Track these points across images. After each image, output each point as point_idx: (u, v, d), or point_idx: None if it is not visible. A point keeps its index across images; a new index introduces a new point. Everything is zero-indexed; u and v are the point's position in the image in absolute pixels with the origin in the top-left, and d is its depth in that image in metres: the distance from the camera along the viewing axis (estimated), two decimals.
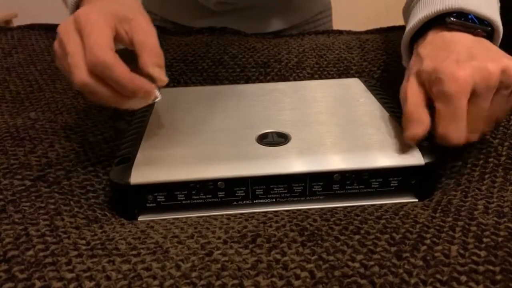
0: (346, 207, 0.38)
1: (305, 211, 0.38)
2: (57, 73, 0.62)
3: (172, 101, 0.50)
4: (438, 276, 0.29)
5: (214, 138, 0.42)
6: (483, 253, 0.31)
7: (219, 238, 0.34)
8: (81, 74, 0.36)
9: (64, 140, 0.47)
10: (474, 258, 0.30)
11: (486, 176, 0.41)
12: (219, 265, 0.30)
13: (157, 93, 0.39)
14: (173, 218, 0.38)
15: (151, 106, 0.49)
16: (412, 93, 0.40)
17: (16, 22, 1.99)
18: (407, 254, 0.31)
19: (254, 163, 0.38)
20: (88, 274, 0.30)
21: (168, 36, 0.70)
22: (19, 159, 0.43)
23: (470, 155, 0.44)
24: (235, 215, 0.38)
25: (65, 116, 0.52)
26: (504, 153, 0.44)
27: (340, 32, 0.73)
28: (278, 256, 0.31)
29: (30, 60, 0.65)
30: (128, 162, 0.39)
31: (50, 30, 0.74)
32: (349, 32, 0.73)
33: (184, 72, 0.62)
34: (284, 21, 0.81)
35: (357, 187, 0.39)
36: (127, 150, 0.41)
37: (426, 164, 0.38)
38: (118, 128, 0.50)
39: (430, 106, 0.39)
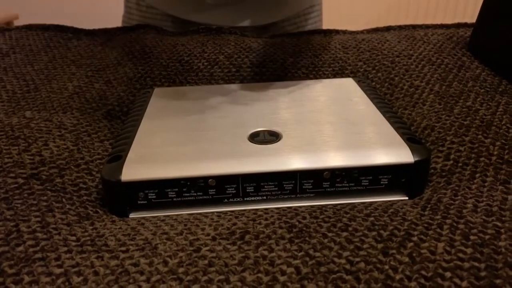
0: (336, 205, 0.38)
1: (295, 208, 0.38)
2: (53, 73, 0.62)
3: (167, 100, 0.51)
4: (423, 272, 0.29)
5: (206, 137, 0.42)
6: (469, 250, 0.31)
7: (208, 235, 0.34)
8: None
9: (59, 139, 0.48)
10: (460, 255, 0.30)
11: (477, 175, 0.41)
12: (206, 261, 0.31)
13: None
14: (164, 215, 0.38)
15: (144, 105, 0.50)
16: None
17: (17, 24, 2.00)
18: (394, 251, 0.31)
19: (245, 161, 0.38)
20: (76, 269, 0.30)
21: (163, 36, 0.71)
22: (13, 157, 0.44)
23: (462, 154, 0.44)
24: (225, 213, 0.38)
25: (60, 115, 0.52)
26: (495, 152, 0.44)
27: (336, 31, 0.73)
28: (265, 253, 0.31)
29: (27, 60, 0.65)
30: (119, 159, 0.39)
31: (48, 30, 0.74)
32: (345, 32, 0.73)
33: (179, 72, 0.63)
34: (276, 13, 0.84)
35: (347, 184, 0.39)
36: (119, 148, 0.41)
37: (415, 162, 0.38)
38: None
39: None
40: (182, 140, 0.42)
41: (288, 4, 0.84)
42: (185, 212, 0.39)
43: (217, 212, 0.38)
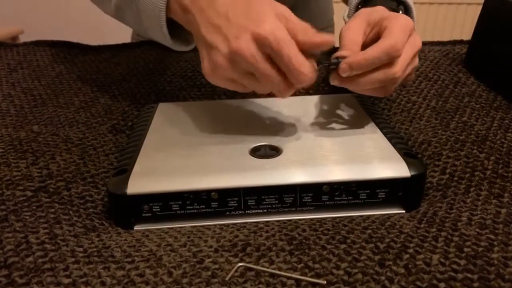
0: (334, 218, 0.39)
1: (295, 221, 0.39)
2: (60, 88, 0.64)
3: (170, 115, 0.52)
4: (418, 283, 0.30)
5: (209, 151, 0.43)
6: (463, 262, 0.32)
7: (210, 246, 0.35)
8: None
9: (65, 153, 0.49)
10: (454, 266, 0.32)
11: (472, 189, 0.43)
12: (209, 272, 0.32)
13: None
14: (168, 228, 0.39)
15: (149, 120, 0.51)
16: None
17: (22, 38, 2.03)
18: (390, 262, 0.32)
19: (246, 175, 0.40)
20: (84, 279, 0.31)
21: (168, 52, 0.72)
22: (21, 171, 0.45)
23: (457, 169, 0.45)
24: (227, 225, 0.39)
25: (67, 130, 0.54)
26: (490, 167, 0.45)
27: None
28: (266, 264, 0.33)
29: (35, 75, 0.67)
30: (125, 173, 0.40)
31: (54, 46, 0.76)
32: None
33: (183, 88, 0.64)
34: None
35: (345, 198, 0.40)
36: (125, 162, 0.43)
37: (412, 176, 0.40)
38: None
39: None
40: (185, 154, 0.43)
41: None
42: (188, 224, 0.40)
43: (219, 224, 0.40)
